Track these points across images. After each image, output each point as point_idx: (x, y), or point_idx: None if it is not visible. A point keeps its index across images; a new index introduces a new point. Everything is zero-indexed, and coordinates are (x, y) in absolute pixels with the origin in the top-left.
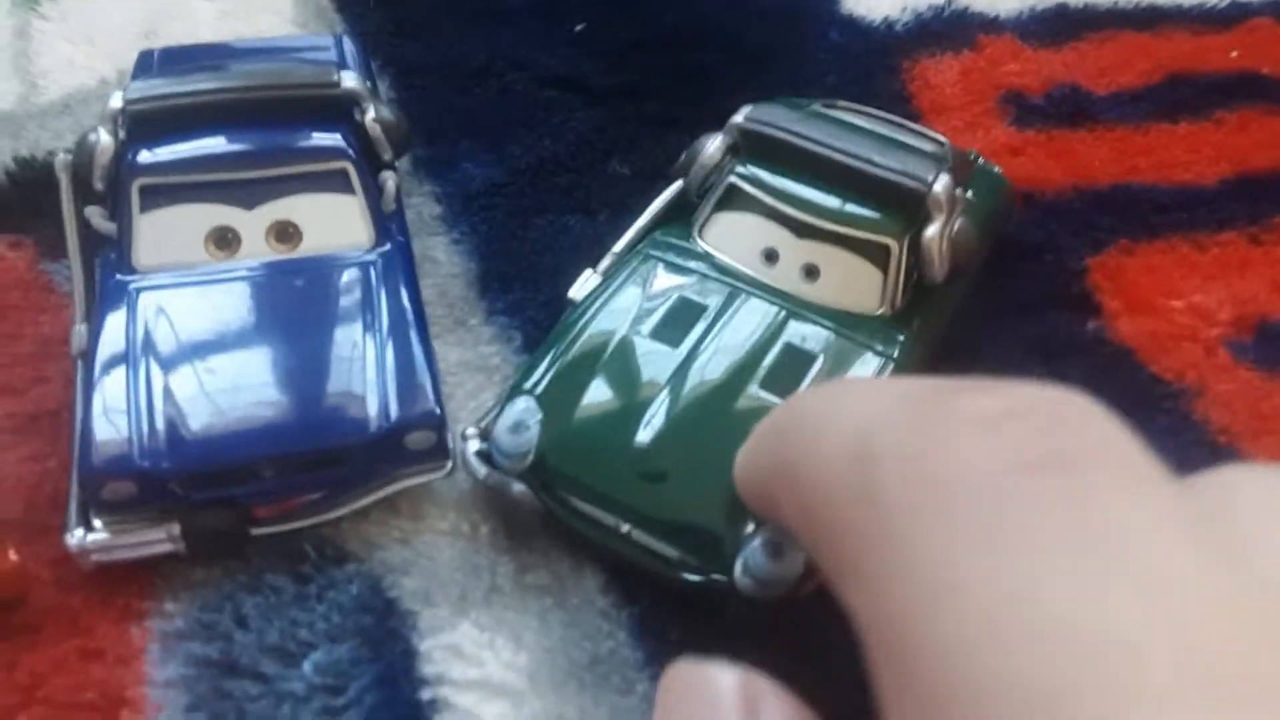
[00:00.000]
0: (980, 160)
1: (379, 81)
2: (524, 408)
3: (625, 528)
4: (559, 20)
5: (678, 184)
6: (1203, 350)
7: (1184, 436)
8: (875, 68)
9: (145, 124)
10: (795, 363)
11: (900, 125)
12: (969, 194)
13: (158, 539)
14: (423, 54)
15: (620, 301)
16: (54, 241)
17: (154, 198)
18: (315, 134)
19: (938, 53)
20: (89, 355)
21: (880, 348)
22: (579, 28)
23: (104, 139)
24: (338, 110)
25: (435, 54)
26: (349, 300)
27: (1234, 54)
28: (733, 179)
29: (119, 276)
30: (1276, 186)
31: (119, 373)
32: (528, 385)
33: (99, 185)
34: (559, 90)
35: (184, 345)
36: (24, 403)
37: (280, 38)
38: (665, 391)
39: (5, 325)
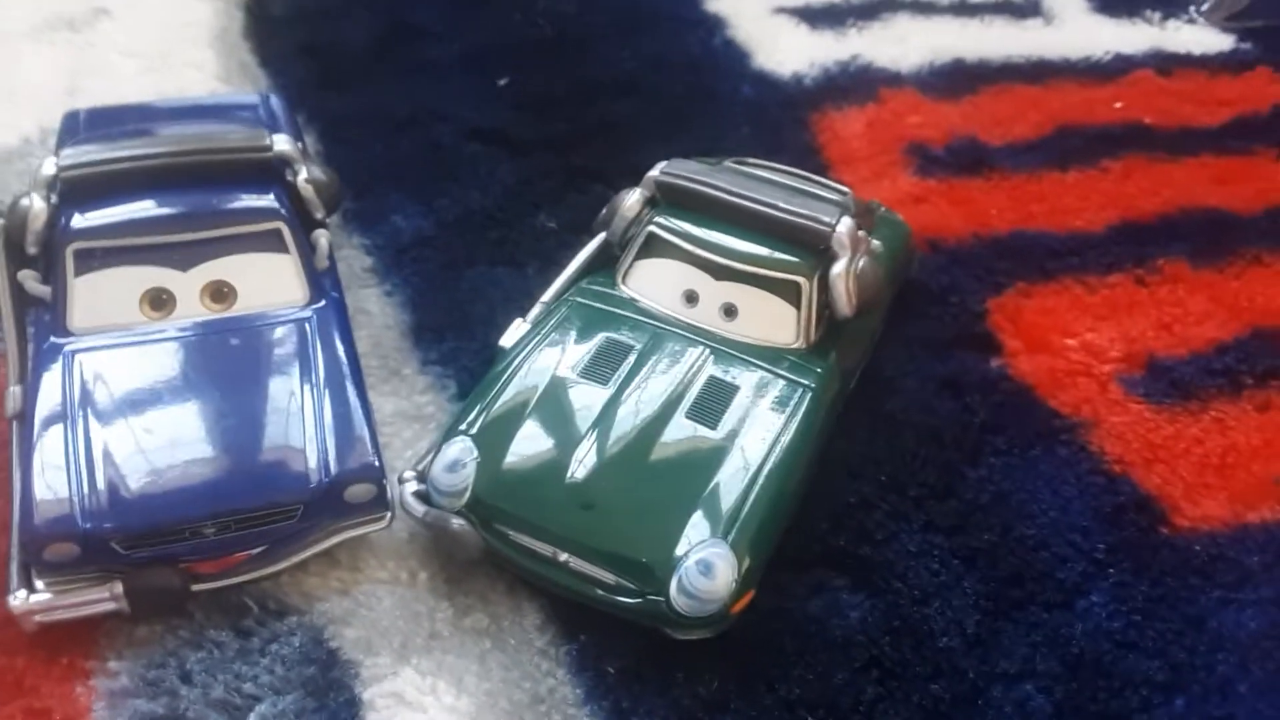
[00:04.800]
0: (883, 209)
1: (306, 134)
2: (461, 447)
3: (563, 556)
4: (483, 74)
5: (601, 237)
6: (1097, 385)
7: (1082, 466)
8: (786, 120)
9: (78, 189)
10: (720, 393)
11: (806, 178)
12: (874, 241)
13: (100, 598)
14: (349, 106)
15: (550, 345)
16: None
17: (88, 261)
18: (248, 196)
19: (844, 105)
20: (25, 417)
21: (798, 378)
22: (503, 82)
23: (37, 204)
24: (270, 172)
25: (361, 106)
26: (285, 357)
27: (1118, 105)
28: (652, 228)
29: (54, 339)
30: (1159, 231)
31: (58, 434)
32: (463, 426)
33: (32, 250)
34: (484, 143)
35: (122, 406)
36: None
37: (207, 96)
38: (596, 426)
39: None
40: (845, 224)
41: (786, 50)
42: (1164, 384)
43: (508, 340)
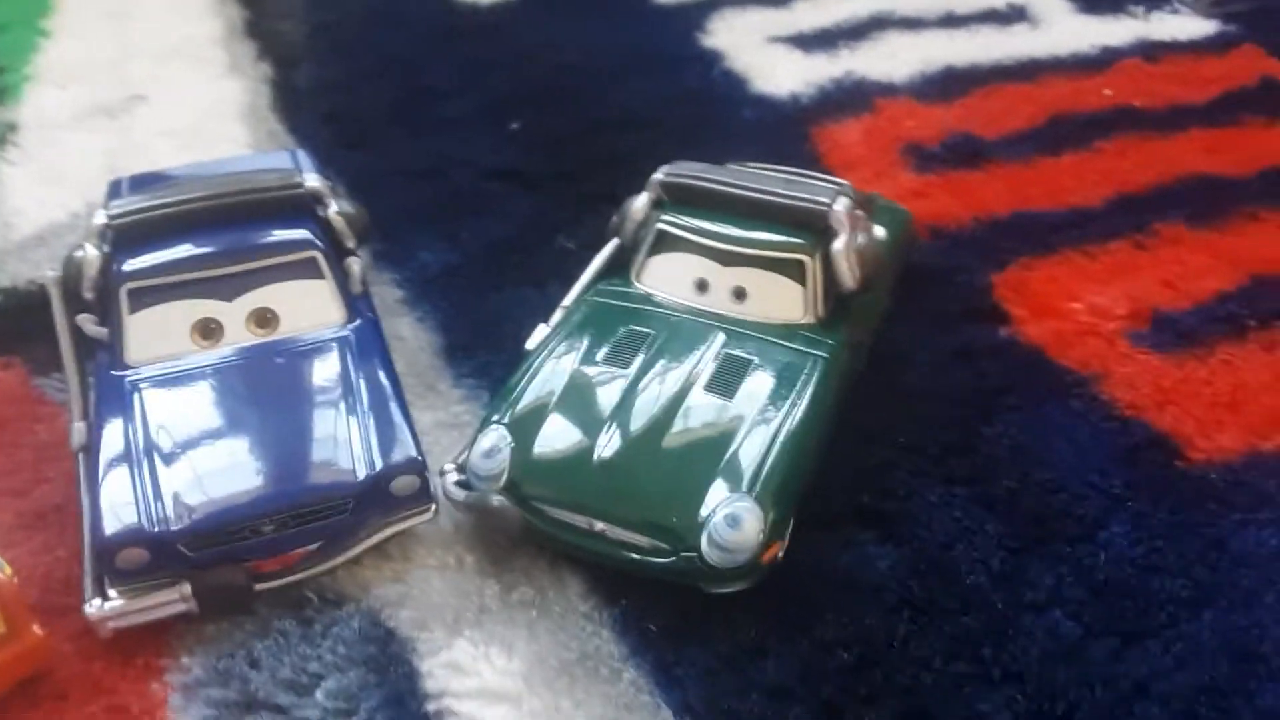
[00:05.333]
0: (882, 200)
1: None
2: (496, 435)
3: (599, 526)
4: (495, 122)
5: (614, 243)
6: (1104, 342)
7: (1095, 415)
8: (787, 135)
9: (127, 235)
10: (735, 367)
11: (805, 174)
12: (877, 227)
13: (170, 600)
14: (372, 162)
15: (572, 340)
16: (42, 359)
17: (141, 299)
18: (284, 229)
19: (841, 117)
20: (92, 448)
21: (809, 349)
22: (514, 126)
23: (90, 253)
24: (303, 207)
25: (384, 161)
26: (328, 371)
27: (1108, 92)
28: (660, 225)
29: (113, 373)
30: (1155, 200)
31: (123, 456)
32: (496, 416)
33: (87, 295)
34: (501, 182)
35: (180, 425)
36: (29, 502)
37: (239, 157)
38: (619, 407)
39: (5, 435)
40: (842, 202)
41: (783, 75)
42: (1170, 334)
43: (532, 343)
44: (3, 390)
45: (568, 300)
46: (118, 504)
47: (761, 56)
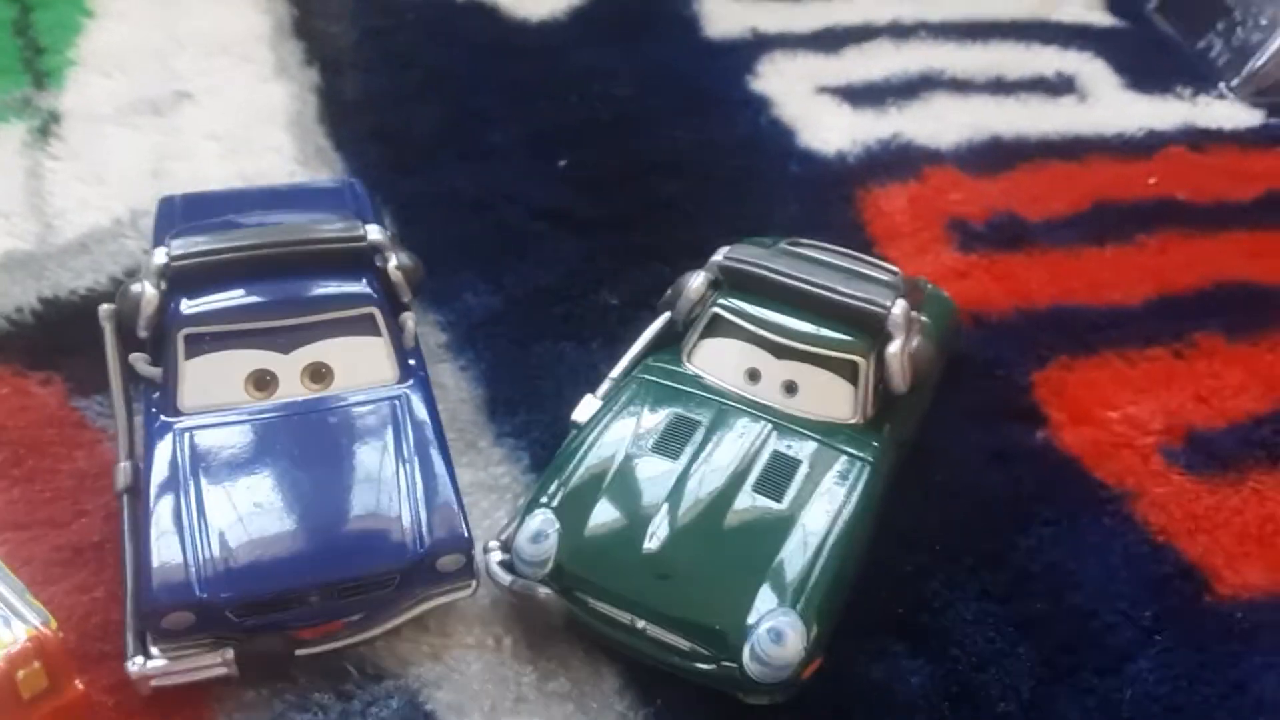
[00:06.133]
0: (929, 286)
1: (382, 214)
2: (543, 519)
3: (640, 624)
4: (542, 155)
5: (665, 316)
6: (1139, 457)
7: (1128, 537)
8: (832, 197)
9: (186, 277)
10: (783, 467)
11: (857, 258)
12: (923, 316)
13: (213, 664)
14: (420, 188)
15: (622, 420)
16: (82, 378)
17: (198, 345)
18: (344, 283)
19: (887, 182)
20: (142, 493)
21: (856, 452)
22: (562, 163)
23: (149, 292)
24: (363, 259)
25: (432, 188)
26: (380, 434)
27: (1152, 180)
28: (716, 309)
29: (165, 418)
30: (1195, 306)
31: (172, 509)
32: (543, 499)
33: (142, 333)
34: (548, 222)
35: (232, 481)
36: (68, 535)
37: (295, 184)
38: (668, 499)
39: (43, 460)
40: (900, 306)
41: (830, 129)
42: (1203, 455)
43: (580, 415)
44: (43, 410)
45: (615, 373)
46: (168, 564)
47: (810, 107)
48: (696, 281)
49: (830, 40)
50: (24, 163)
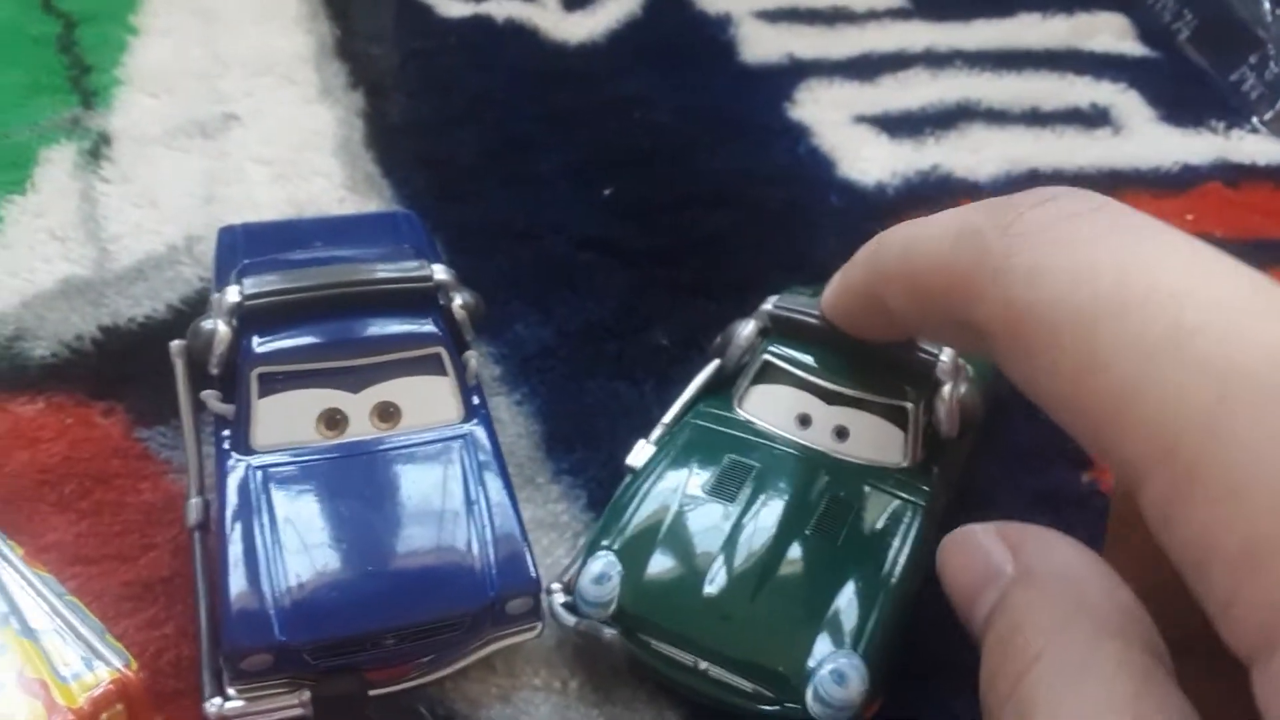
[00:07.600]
0: None
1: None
2: (606, 561)
3: (703, 665)
4: (587, 184)
5: (715, 363)
6: None
7: None
8: (873, 231)
9: (258, 315)
10: (839, 510)
11: None
12: (969, 366)
13: (289, 705)
14: (469, 216)
15: (677, 466)
16: (143, 409)
17: (271, 384)
18: (412, 322)
19: (926, 215)
20: (216, 530)
21: (908, 496)
22: (607, 192)
23: (222, 329)
24: (429, 299)
25: (480, 216)
26: (448, 473)
27: (1189, 218)
28: (767, 356)
29: (237, 455)
30: None
31: (248, 549)
32: (605, 541)
33: (214, 370)
34: (596, 253)
35: (306, 522)
36: (137, 570)
37: (352, 215)
38: (725, 544)
39: (110, 493)
40: (948, 353)
41: (869, 160)
42: None
43: (635, 460)
44: (107, 442)
45: (667, 418)
46: (248, 606)
47: (849, 136)
48: (747, 330)
49: (866, 68)
50: (78, 185)
